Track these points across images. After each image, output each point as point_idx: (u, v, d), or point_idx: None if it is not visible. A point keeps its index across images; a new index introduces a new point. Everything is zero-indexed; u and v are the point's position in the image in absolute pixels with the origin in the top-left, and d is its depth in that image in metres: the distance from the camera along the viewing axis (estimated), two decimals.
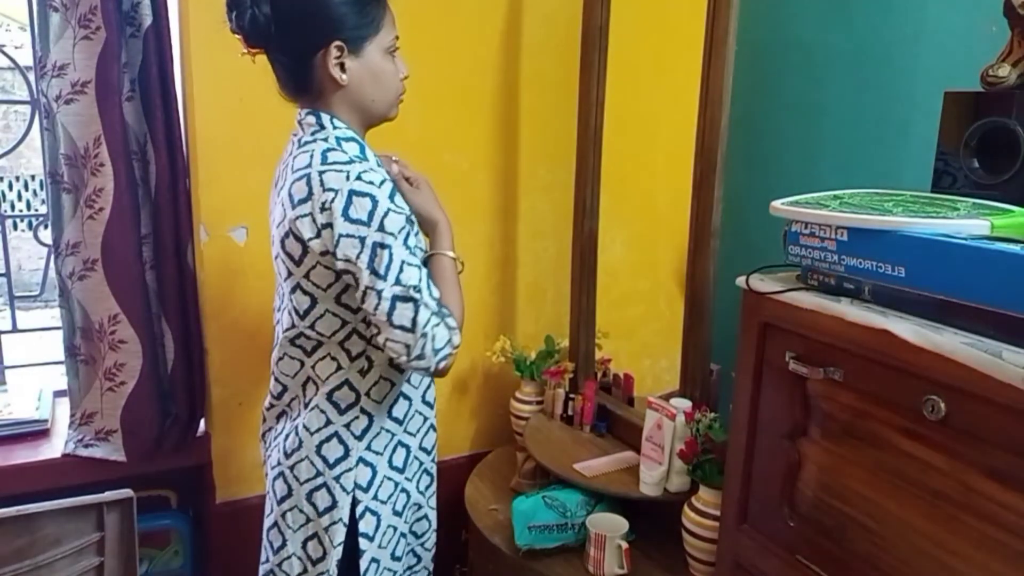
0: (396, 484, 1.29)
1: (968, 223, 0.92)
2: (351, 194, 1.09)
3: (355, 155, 1.17)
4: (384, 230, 1.10)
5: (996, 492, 0.85)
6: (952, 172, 1.13)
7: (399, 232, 1.11)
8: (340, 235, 1.09)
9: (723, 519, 1.28)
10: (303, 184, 1.12)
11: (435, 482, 1.40)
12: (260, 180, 1.35)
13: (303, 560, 1.26)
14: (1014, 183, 1.04)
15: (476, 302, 1.97)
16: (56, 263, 1.66)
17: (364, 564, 1.25)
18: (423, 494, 1.37)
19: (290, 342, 1.23)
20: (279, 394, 1.29)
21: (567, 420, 1.91)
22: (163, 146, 1.62)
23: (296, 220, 1.12)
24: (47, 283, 1.87)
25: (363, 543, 1.24)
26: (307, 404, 1.25)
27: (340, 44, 1.14)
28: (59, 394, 1.89)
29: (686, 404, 1.57)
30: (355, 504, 1.23)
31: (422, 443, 1.34)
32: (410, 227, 1.14)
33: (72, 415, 1.73)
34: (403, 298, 1.10)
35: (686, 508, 1.46)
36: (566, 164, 1.95)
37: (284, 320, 1.24)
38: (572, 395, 1.91)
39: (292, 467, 1.24)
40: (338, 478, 1.22)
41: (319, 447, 1.22)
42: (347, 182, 1.10)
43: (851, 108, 1.70)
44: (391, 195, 1.12)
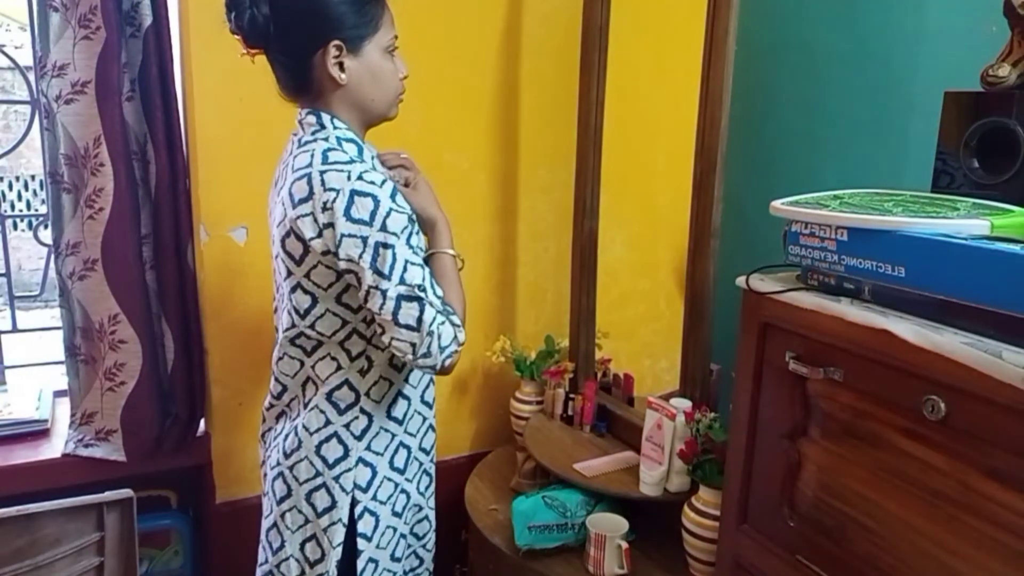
0: (396, 485, 1.29)
1: (968, 223, 0.92)
2: (353, 194, 1.09)
3: (354, 156, 1.17)
4: (387, 230, 1.10)
5: (996, 492, 0.85)
6: (952, 172, 1.13)
7: (402, 232, 1.12)
8: (342, 235, 1.09)
9: (723, 519, 1.28)
10: (304, 183, 1.12)
11: (433, 482, 1.40)
12: (260, 180, 1.34)
13: (300, 562, 1.25)
14: (1014, 183, 1.04)
15: (476, 302, 1.97)
16: (56, 263, 1.66)
17: (361, 564, 1.25)
18: (423, 495, 1.37)
19: (290, 342, 1.23)
20: (279, 394, 1.29)
21: (567, 420, 1.91)
22: (163, 146, 1.63)
23: (297, 219, 1.12)
24: (47, 283, 1.87)
25: (361, 543, 1.24)
26: (306, 404, 1.25)
27: (339, 43, 1.14)
28: (59, 394, 1.89)
29: (686, 404, 1.57)
30: (354, 504, 1.23)
31: (422, 443, 1.34)
32: (412, 226, 1.15)
33: (72, 415, 1.73)
34: (408, 297, 1.10)
35: (686, 508, 1.46)
36: (566, 164, 1.95)
37: (284, 320, 1.24)
38: (572, 395, 1.91)
39: (291, 467, 1.24)
40: (337, 478, 1.22)
41: (319, 447, 1.22)
42: (349, 182, 1.10)
43: (851, 108, 1.70)
44: (393, 195, 1.12)
